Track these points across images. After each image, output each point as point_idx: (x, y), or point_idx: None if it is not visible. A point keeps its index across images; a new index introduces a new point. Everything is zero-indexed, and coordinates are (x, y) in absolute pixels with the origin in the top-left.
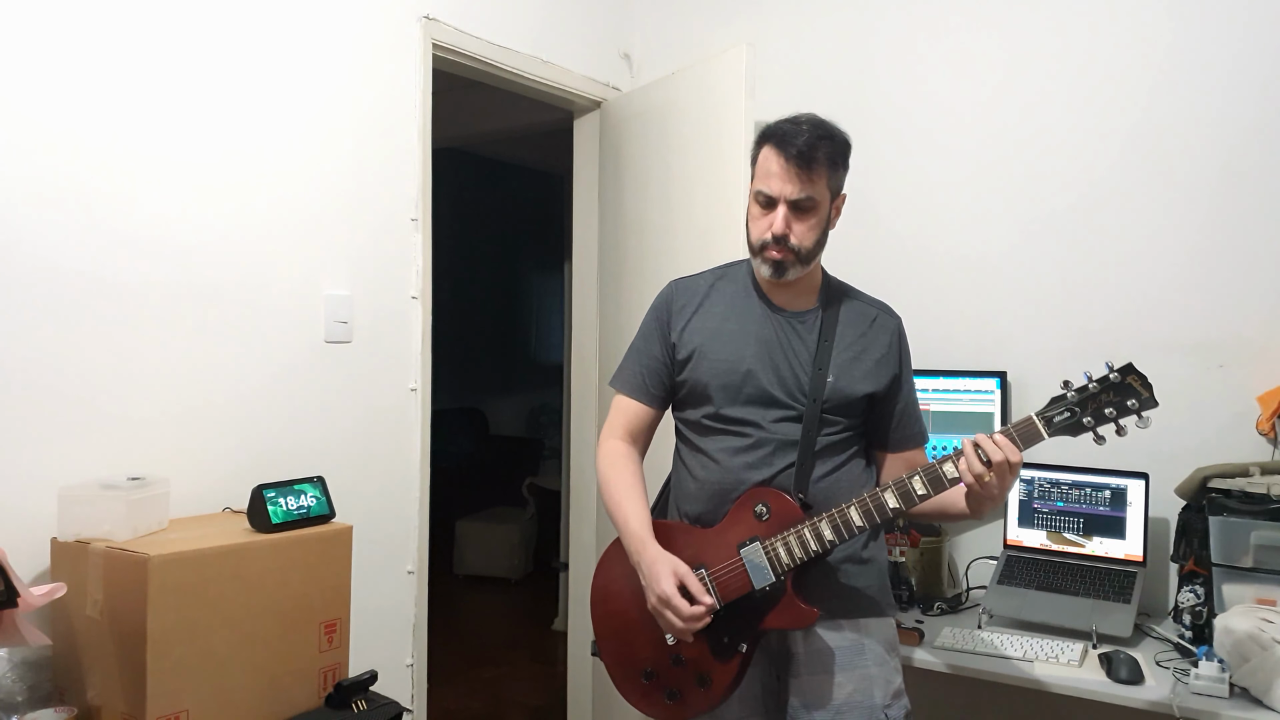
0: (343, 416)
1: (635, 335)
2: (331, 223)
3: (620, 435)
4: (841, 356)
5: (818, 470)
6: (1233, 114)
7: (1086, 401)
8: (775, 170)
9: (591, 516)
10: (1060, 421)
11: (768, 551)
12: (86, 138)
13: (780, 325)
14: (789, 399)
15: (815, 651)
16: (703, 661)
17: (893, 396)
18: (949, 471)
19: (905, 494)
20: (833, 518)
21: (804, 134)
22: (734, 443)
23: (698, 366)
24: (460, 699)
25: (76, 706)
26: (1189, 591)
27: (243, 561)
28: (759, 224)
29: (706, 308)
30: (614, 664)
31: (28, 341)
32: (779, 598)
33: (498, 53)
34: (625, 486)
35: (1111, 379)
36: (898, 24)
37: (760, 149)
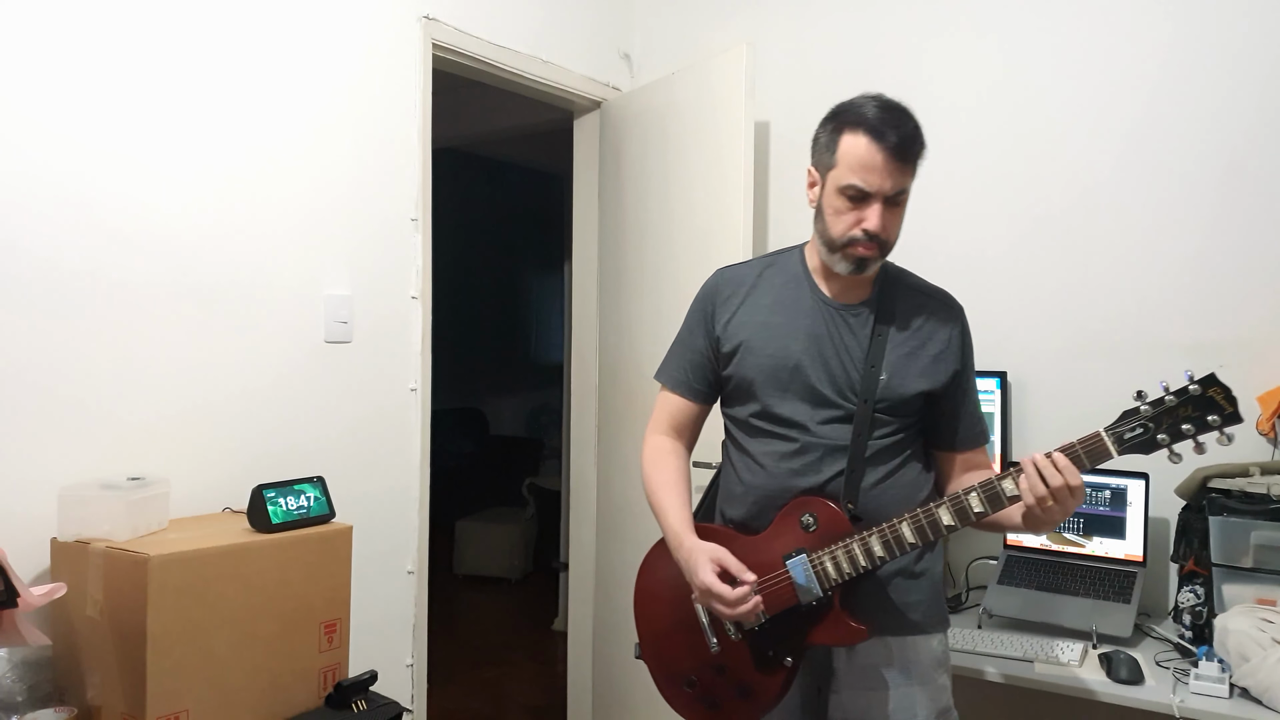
0: (343, 417)
1: (680, 327)
2: (331, 223)
3: (664, 430)
4: (896, 352)
5: (869, 477)
6: (1233, 114)
7: (1162, 416)
8: (875, 163)
9: (592, 516)
10: (1132, 439)
11: (814, 565)
12: (86, 138)
13: (831, 318)
14: (838, 397)
15: (859, 667)
16: (745, 673)
17: (953, 394)
18: (1008, 489)
19: (961, 511)
20: (884, 533)
21: (897, 121)
22: (780, 447)
23: (744, 361)
24: (460, 699)
25: (76, 706)
26: (1189, 591)
27: (243, 561)
28: (844, 219)
29: (753, 299)
30: (656, 669)
31: (27, 341)
32: (826, 613)
33: (498, 53)
34: (665, 483)
35: (1191, 391)
36: (898, 24)
37: (841, 135)
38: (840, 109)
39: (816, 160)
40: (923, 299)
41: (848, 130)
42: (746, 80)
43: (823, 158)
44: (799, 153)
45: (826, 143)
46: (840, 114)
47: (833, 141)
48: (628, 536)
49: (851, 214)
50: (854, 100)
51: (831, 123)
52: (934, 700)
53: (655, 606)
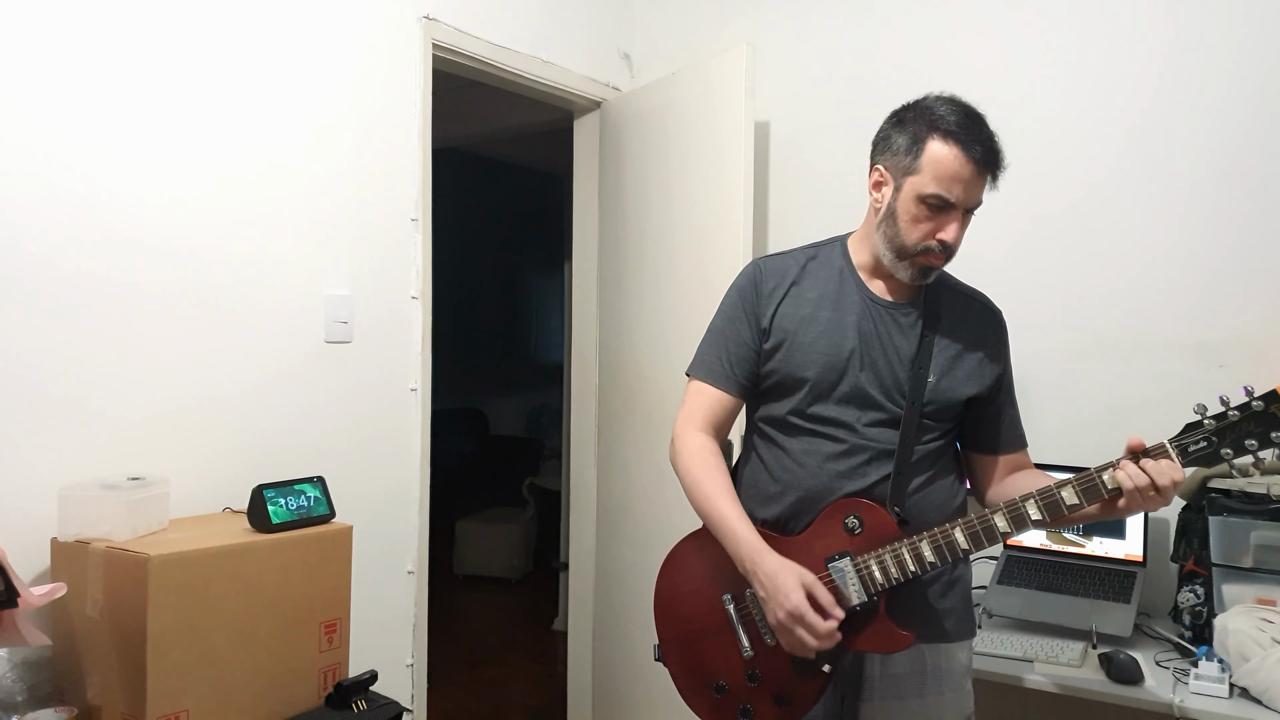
0: (343, 416)
1: (714, 318)
2: (331, 223)
3: (703, 427)
4: (943, 355)
5: (913, 482)
6: (1233, 114)
7: (1225, 430)
8: (964, 175)
9: (591, 516)
10: (1196, 451)
11: (860, 569)
12: (86, 137)
13: (880, 317)
14: (886, 400)
15: (892, 676)
16: (783, 680)
17: (997, 397)
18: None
19: (1018, 518)
20: (935, 539)
21: (984, 133)
22: (825, 447)
23: (789, 357)
24: (460, 699)
25: (76, 706)
26: (1189, 591)
27: (243, 561)
28: (921, 227)
29: (797, 291)
30: (680, 674)
31: (28, 341)
32: (870, 619)
33: (498, 53)
34: (722, 489)
35: (1254, 407)
36: (897, 24)
37: (927, 142)
38: (920, 110)
39: (890, 162)
40: (966, 301)
41: (935, 137)
42: (746, 80)
43: (901, 161)
44: (799, 153)
45: (907, 146)
46: (922, 117)
47: (916, 147)
48: (628, 536)
49: (929, 223)
50: (932, 103)
51: (912, 126)
52: (962, 708)
53: (680, 607)
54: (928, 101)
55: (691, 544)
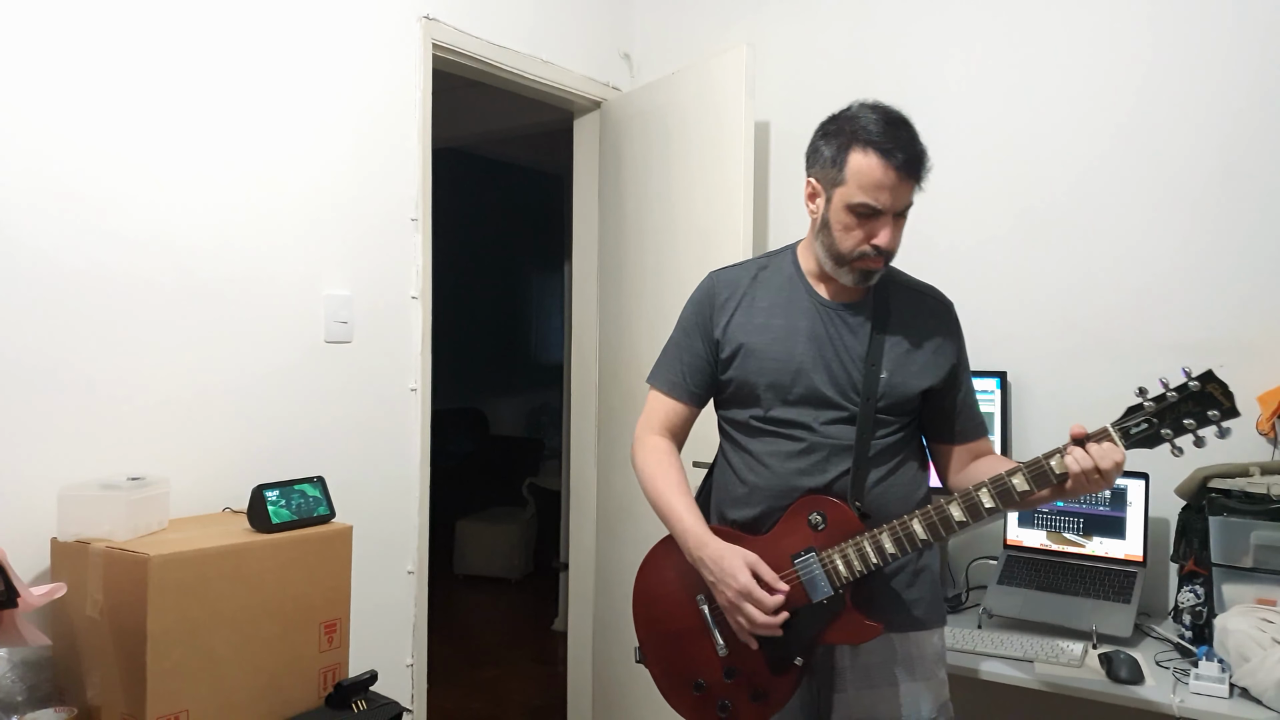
0: (343, 416)
1: (674, 329)
2: (331, 223)
3: (660, 432)
4: (895, 350)
5: (872, 476)
6: (1232, 113)
7: (1165, 412)
8: (886, 182)
9: (592, 516)
10: (1138, 433)
11: (825, 563)
12: (86, 137)
13: (830, 319)
14: (842, 399)
15: (863, 666)
16: (758, 675)
17: (953, 387)
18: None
19: (973, 507)
20: (894, 530)
21: (905, 139)
22: (785, 446)
23: (744, 365)
24: (460, 699)
25: (76, 706)
26: (1189, 591)
27: (243, 561)
28: (854, 234)
29: (750, 302)
30: (661, 674)
31: (27, 341)
32: (838, 612)
33: (498, 53)
34: (674, 484)
35: (1191, 388)
36: (897, 24)
37: (849, 153)
38: (841, 122)
39: (820, 174)
40: (916, 296)
41: (856, 148)
42: (746, 80)
43: (828, 173)
44: (799, 153)
45: (832, 158)
46: (843, 128)
47: (839, 158)
48: (628, 536)
49: (861, 230)
50: (854, 112)
51: (835, 138)
52: (936, 695)
53: (657, 609)
54: (851, 111)
55: (665, 547)
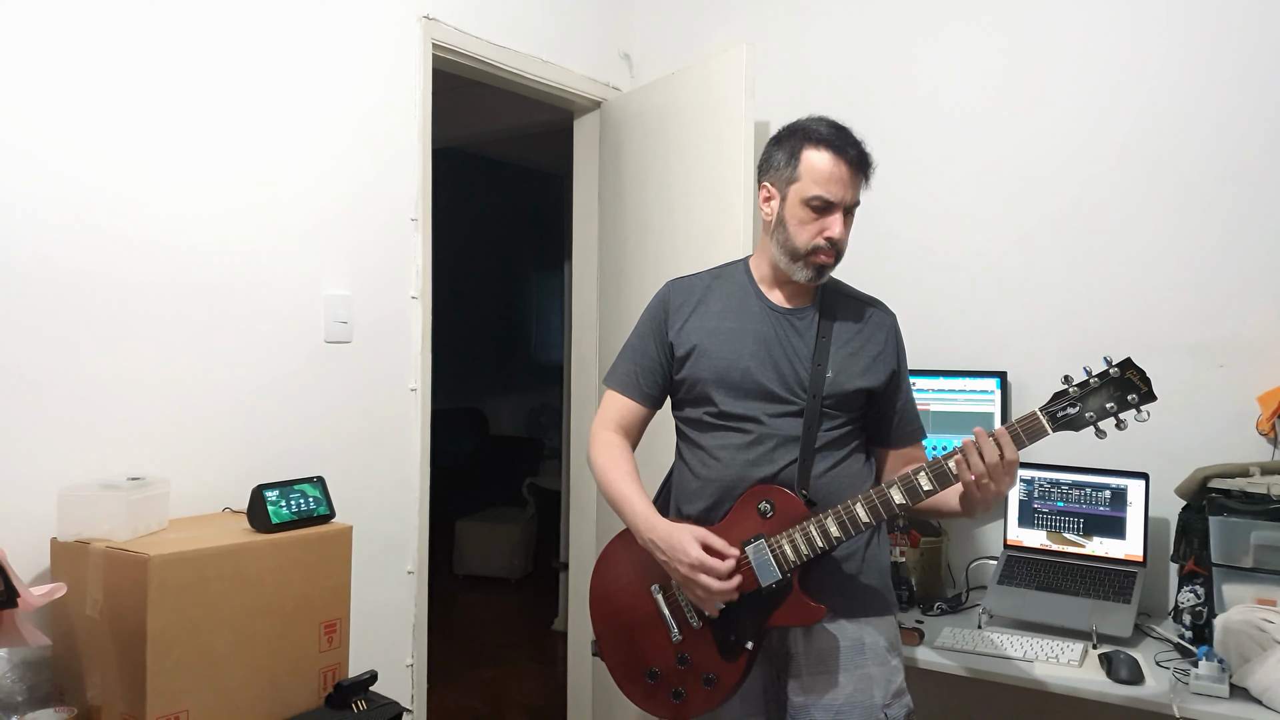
0: (343, 416)
1: (630, 334)
2: (331, 223)
3: (613, 429)
4: (840, 353)
5: (819, 466)
6: (1232, 113)
7: (1088, 396)
8: (838, 175)
9: (592, 516)
10: (1064, 417)
11: (773, 549)
12: (86, 138)
13: (778, 322)
14: (789, 394)
15: (816, 651)
16: (708, 660)
17: (892, 393)
18: (953, 467)
19: (911, 489)
20: (839, 514)
21: (852, 139)
22: (735, 439)
23: (697, 364)
24: (460, 699)
25: (76, 706)
26: (1189, 591)
27: (243, 561)
28: (808, 229)
29: (704, 307)
30: (616, 664)
31: (27, 341)
32: (786, 595)
33: (498, 53)
34: (624, 473)
35: (1111, 374)
36: (897, 24)
37: (802, 151)
38: (794, 129)
39: (774, 177)
40: (860, 306)
41: (809, 146)
42: (746, 80)
43: (782, 173)
44: None
45: (786, 159)
46: (795, 133)
47: (793, 159)
48: None
49: (815, 224)
50: (804, 121)
51: (788, 141)
52: (889, 681)
53: (613, 602)
54: (800, 121)
55: (621, 542)
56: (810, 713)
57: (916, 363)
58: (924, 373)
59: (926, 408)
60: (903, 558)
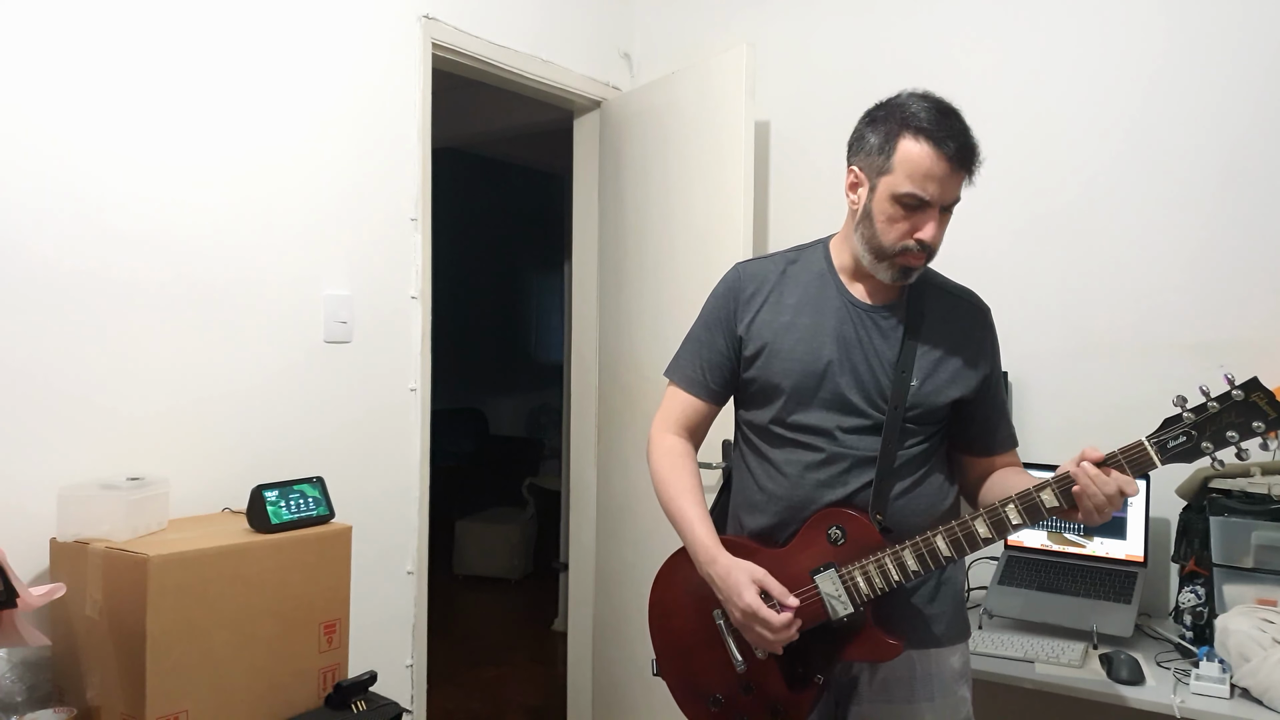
0: (342, 416)
1: (694, 323)
2: (331, 222)
3: (676, 430)
4: (927, 357)
5: (896, 488)
6: (1233, 112)
7: (1205, 423)
8: (937, 172)
9: (591, 516)
10: (1176, 447)
11: (845, 580)
12: (86, 137)
13: (861, 321)
14: (868, 405)
15: (881, 681)
16: (775, 691)
17: (984, 398)
18: (1048, 501)
19: (999, 523)
20: (917, 546)
21: (957, 129)
22: (805, 456)
23: (768, 365)
24: (460, 699)
25: (76, 706)
26: (1190, 592)
27: (243, 562)
28: (898, 227)
29: (777, 298)
30: (678, 686)
31: (27, 341)
32: (859, 629)
33: (498, 52)
34: (686, 489)
35: (1234, 396)
36: (897, 24)
37: (899, 140)
38: (892, 109)
39: (865, 162)
40: (952, 300)
41: (907, 135)
42: (746, 80)
43: (874, 161)
44: (799, 153)
45: (879, 146)
46: (893, 115)
47: (888, 146)
48: (628, 536)
49: (906, 222)
50: (904, 100)
51: (884, 124)
52: (954, 713)
53: (674, 621)
54: (900, 99)
55: (682, 557)
56: None
57: None
58: None
59: None
60: None
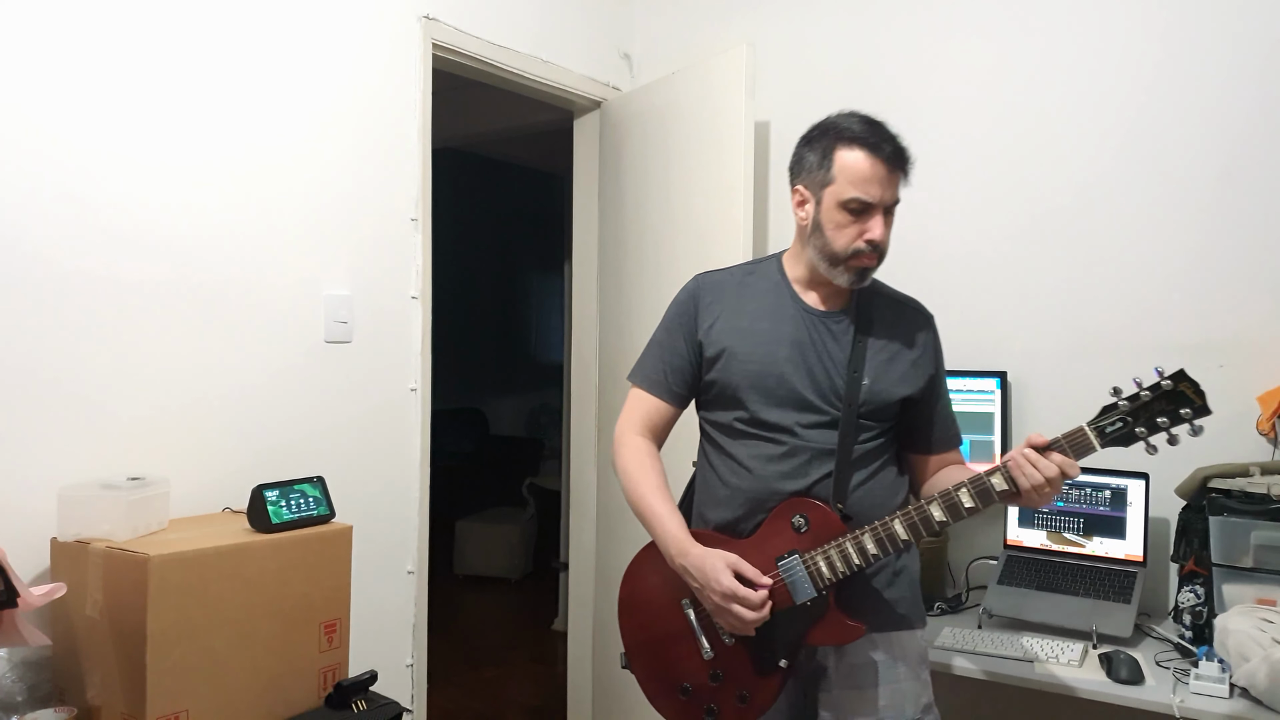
0: (343, 416)
1: (657, 328)
2: (331, 223)
3: (640, 431)
4: (877, 359)
5: (854, 479)
6: (1232, 112)
7: (1139, 411)
8: (876, 175)
9: (591, 516)
10: (1113, 432)
11: (808, 565)
12: (86, 137)
13: (814, 326)
14: (824, 403)
15: (848, 666)
16: (743, 678)
17: (930, 398)
18: (997, 485)
19: (953, 507)
20: (876, 531)
21: (886, 134)
22: (767, 450)
23: (728, 367)
24: (460, 699)
25: (76, 706)
26: (1189, 591)
27: (243, 561)
28: (847, 232)
29: (736, 305)
30: (647, 678)
31: (28, 341)
32: (822, 613)
33: (498, 53)
34: (655, 486)
35: (1164, 386)
36: (897, 24)
37: (835, 152)
38: (824, 127)
39: (807, 179)
40: (898, 307)
41: (842, 146)
42: (746, 80)
43: (816, 175)
44: None
45: (819, 161)
46: (827, 132)
47: (827, 159)
48: (628, 536)
49: (854, 226)
50: (834, 118)
51: (820, 142)
52: (920, 695)
53: (642, 615)
54: (830, 118)
55: (649, 552)
56: None
57: None
58: None
59: None
60: None
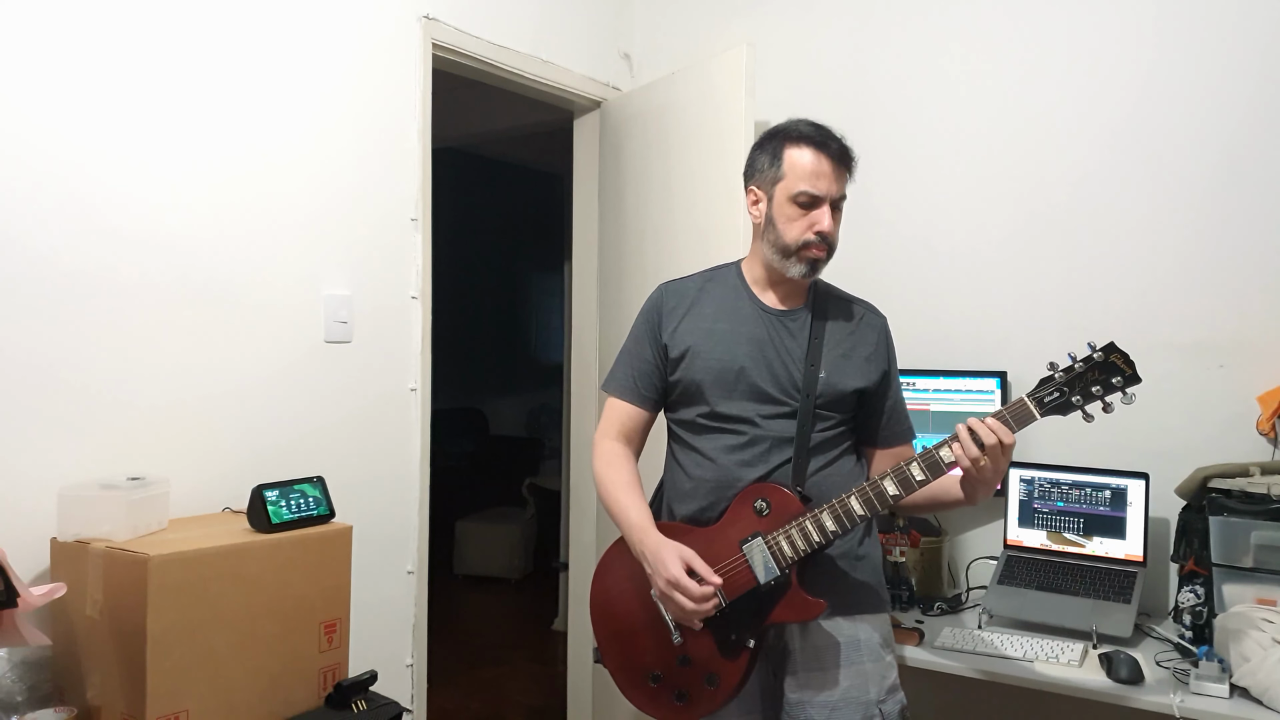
0: (343, 416)
1: (626, 338)
2: (331, 222)
3: (614, 436)
4: (832, 353)
5: (812, 465)
6: (1234, 114)
7: (1074, 381)
8: (822, 169)
9: (591, 516)
10: (1051, 401)
11: (770, 546)
12: (86, 137)
13: (771, 324)
14: (782, 395)
15: (812, 647)
16: (710, 661)
17: (883, 393)
18: (945, 456)
19: (904, 480)
20: (833, 508)
21: (830, 133)
22: (729, 440)
23: (691, 366)
24: (460, 699)
25: (76, 706)
26: (1189, 591)
27: (243, 561)
28: (797, 225)
29: (697, 309)
30: (619, 669)
31: (28, 341)
32: (784, 591)
33: (497, 53)
34: (623, 483)
35: (1095, 358)
36: (897, 24)
37: (784, 151)
38: (774, 132)
39: (760, 179)
40: (851, 307)
41: (790, 145)
42: (746, 80)
43: (767, 174)
44: None
45: (770, 160)
46: (776, 135)
47: (777, 159)
48: None
49: (803, 219)
50: (783, 124)
51: (769, 144)
52: (884, 677)
53: (613, 608)
54: (780, 124)
55: (619, 549)
56: (806, 709)
57: (916, 362)
58: (924, 372)
59: (926, 407)
60: (903, 558)
